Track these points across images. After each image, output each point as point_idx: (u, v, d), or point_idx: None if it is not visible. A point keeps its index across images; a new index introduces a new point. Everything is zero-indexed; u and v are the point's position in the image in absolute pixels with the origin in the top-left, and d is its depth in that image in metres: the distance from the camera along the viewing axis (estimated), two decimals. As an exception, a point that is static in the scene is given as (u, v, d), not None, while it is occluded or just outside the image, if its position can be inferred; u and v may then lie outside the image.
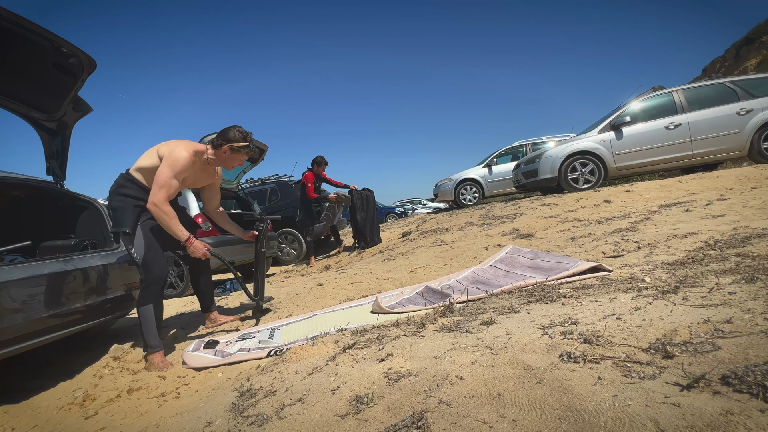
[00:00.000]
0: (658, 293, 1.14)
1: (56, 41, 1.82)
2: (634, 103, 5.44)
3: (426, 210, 17.03)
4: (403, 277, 2.91)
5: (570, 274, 1.78)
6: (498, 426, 0.62)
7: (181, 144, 1.95)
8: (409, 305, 1.92)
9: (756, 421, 0.51)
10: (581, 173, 5.38)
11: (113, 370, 1.93)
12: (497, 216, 4.60)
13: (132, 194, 1.98)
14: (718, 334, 0.78)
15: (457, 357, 0.90)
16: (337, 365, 1.01)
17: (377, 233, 5.62)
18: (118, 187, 1.98)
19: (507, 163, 8.50)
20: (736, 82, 5.09)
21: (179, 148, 1.91)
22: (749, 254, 1.49)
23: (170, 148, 1.91)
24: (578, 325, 0.98)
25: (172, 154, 1.88)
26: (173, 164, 1.87)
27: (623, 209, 3.52)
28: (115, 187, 2.00)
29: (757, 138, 4.78)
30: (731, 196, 3.14)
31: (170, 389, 1.60)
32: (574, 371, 0.73)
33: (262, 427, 0.80)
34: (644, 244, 2.17)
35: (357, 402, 0.79)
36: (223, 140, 2.03)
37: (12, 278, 1.56)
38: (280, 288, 3.39)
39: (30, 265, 1.69)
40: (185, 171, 1.92)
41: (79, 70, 2.03)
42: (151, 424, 1.22)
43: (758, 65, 18.43)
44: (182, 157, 1.89)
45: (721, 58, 23.29)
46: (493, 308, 1.36)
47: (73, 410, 1.57)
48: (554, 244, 2.81)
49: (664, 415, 0.56)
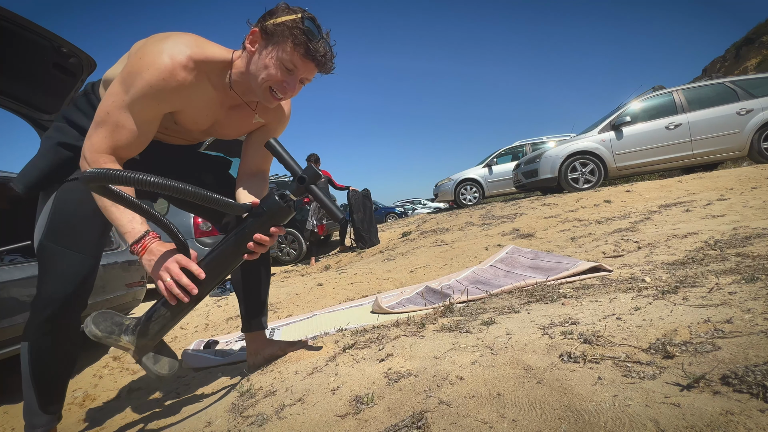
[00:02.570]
0: (658, 293, 1.14)
1: (56, 41, 1.82)
2: (634, 103, 5.45)
3: (426, 210, 17.04)
4: (403, 277, 2.91)
5: (570, 274, 1.78)
6: (498, 426, 0.62)
7: (172, 40, 0.92)
8: (409, 305, 1.92)
9: (756, 421, 0.51)
10: (581, 173, 5.38)
11: (113, 370, 1.94)
12: (497, 216, 4.60)
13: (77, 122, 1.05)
14: (718, 334, 0.78)
15: (457, 357, 0.90)
16: (337, 365, 1.01)
17: (375, 233, 5.62)
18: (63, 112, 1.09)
19: (507, 163, 8.51)
20: (736, 82, 5.10)
21: (161, 46, 0.90)
22: (749, 254, 1.49)
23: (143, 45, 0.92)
24: (578, 325, 0.98)
25: (139, 56, 0.90)
26: (131, 77, 0.89)
27: (623, 209, 3.52)
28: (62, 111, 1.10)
29: (757, 138, 4.78)
30: (731, 196, 3.14)
31: (170, 389, 1.60)
32: (574, 371, 0.73)
33: (262, 427, 0.80)
34: (644, 244, 2.17)
35: (357, 402, 0.79)
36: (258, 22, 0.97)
37: (12, 278, 1.56)
38: (280, 288, 3.39)
39: (30, 265, 1.69)
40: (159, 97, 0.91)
41: (79, 70, 2.03)
42: (151, 424, 1.22)
43: (758, 65, 18.43)
44: (156, 66, 0.88)
45: (721, 58, 23.28)
46: (493, 308, 1.36)
47: (72, 410, 1.57)
48: (554, 244, 2.81)
49: (664, 415, 0.56)
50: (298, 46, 0.92)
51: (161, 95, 0.91)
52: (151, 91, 0.89)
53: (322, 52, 0.94)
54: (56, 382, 1.09)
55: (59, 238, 1.02)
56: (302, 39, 0.91)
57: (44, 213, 1.04)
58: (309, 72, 0.98)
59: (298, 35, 0.91)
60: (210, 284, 0.94)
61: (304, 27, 0.91)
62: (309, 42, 0.92)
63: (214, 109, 1.05)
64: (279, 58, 0.93)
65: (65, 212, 1.03)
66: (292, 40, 0.91)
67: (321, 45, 0.94)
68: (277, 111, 1.16)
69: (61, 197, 1.03)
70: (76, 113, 1.07)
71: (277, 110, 1.16)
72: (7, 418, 1.56)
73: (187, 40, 0.93)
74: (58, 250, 1.01)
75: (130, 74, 0.89)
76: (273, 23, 0.92)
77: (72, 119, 1.06)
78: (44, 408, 1.06)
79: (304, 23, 0.92)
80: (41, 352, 1.04)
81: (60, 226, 1.02)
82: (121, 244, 2.33)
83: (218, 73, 1.00)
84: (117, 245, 2.29)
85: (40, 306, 1.01)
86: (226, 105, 1.07)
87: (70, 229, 1.03)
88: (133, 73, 0.89)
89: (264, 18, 0.95)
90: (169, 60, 0.89)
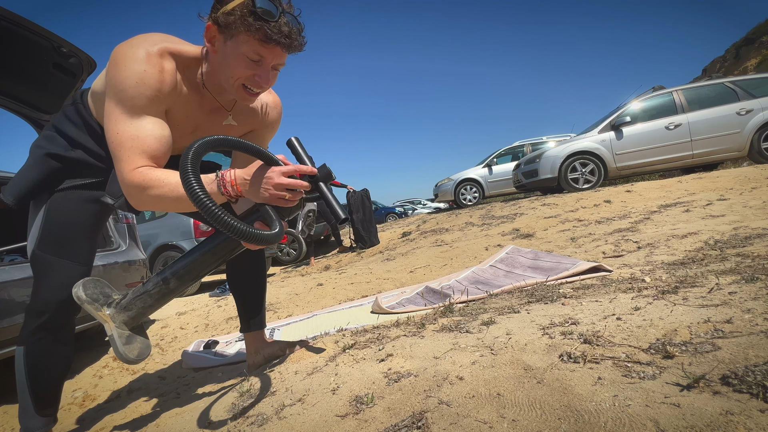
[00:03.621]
0: (658, 293, 1.14)
1: (56, 41, 1.82)
2: (634, 103, 5.45)
3: (426, 210, 17.03)
4: (403, 277, 2.91)
5: (570, 274, 1.78)
6: (498, 426, 0.62)
7: (141, 38, 0.89)
8: (409, 305, 1.92)
9: (756, 421, 0.51)
10: (581, 173, 5.38)
11: (113, 370, 1.94)
12: (497, 216, 4.60)
13: (65, 132, 1.03)
14: (718, 334, 0.78)
15: (457, 357, 0.90)
16: (337, 365, 1.01)
17: (375, 233, 5.62)
18: (53, 120, 1.07)
19: (507, 163, 8.51)
20: (736, 82, 5.10)
21: (132, 44, 0.87)
22: (749, 254, 1.49)
23: (116, 53, 0.87)
24: (578, 325, 0.98)
25: (115, 62, 0.86)
26: (115, 87, 0.85)
27: (623, 209, 3.52)
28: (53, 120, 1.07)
29: (757, 138, 4.78)
30: (731, 196, 3.14)
31: (170, 389, 1.60)
32: (574, 371, 0.73)
33: (262, 427, 0.80)
34: (644, 244, 2.17)
35: (357, 402, 0.79)
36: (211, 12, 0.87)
37: (12, 278, 1.56)
38: (280, 288, 3.39)
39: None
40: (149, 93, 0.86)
41: (79, 70, 2.03)
42: (151, 424, 1.22)
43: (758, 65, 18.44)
44: (134, 62, 0.84)
45: (721, 58, 23.29)
46: (493, 308, 1.36)
47: (72, 410, 1.57)
48: (554, 244, 2.81)
49: (664, 415, 0.56)
50: (254, 32, 0.81)
51: (150, 90, 0.86)
52: (139, 89, 0.84)
53: (285, 31, 0.83)
54: (52, 385, 1.09)
55: (51, 247, 1.02)
56: (257, 25, 0.80)
57: (36, 223, 1.04)
58: (277, 57, 0.88)
59: (251, 22, 0.80)
60: (207, 269, 0.98)
61: (257, 9, 0.80)
62: (266, 25, 0.81)
63: (193, 110, 0.99)
64: (240, 53, 0.84)
65: (56, 222, 1.02)
66: (246, 29, 0.81)
67: (282, 23, 0.82)
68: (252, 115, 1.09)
69: (52, 207, 1.03)
70: (64, 122, 1.05)
71: (255, 114, 1.09)
72: (6, 418, 1.56)
73: (156, 37, 0.90)
74: (51, 259, 1.02)
75: (114, 85, 0.85)
76: (223, 13, 0.82)
77: (61, 128, 1.04)
78: (40, 411, 1.06)
79: (255, 4, 0.80)
80: (37, 357, 1.04)
81: (51, 236, 1.02)
82: (121, 244, 2.33)
83: (192, 71, 0.95)
84: (117, 245, 2.29)
85: (36, 312, 1.02)
86: (205, 108, 1.02)
87: (61, 238, 1.03)
88: (116, 82, 0.85)
89: (214, 8, 0.84)
90: (144, 53, 0.85)
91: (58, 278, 1.01)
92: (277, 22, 0.82)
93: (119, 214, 2.34)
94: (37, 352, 1.04)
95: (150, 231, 4.81)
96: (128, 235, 2.40)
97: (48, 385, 1.08)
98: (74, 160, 1.03)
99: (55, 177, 1.04)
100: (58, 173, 1.03)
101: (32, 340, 1.03)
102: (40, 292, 1.02)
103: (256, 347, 1.25)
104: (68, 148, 1.03)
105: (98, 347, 2.31)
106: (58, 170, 1.03)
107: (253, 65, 0.87)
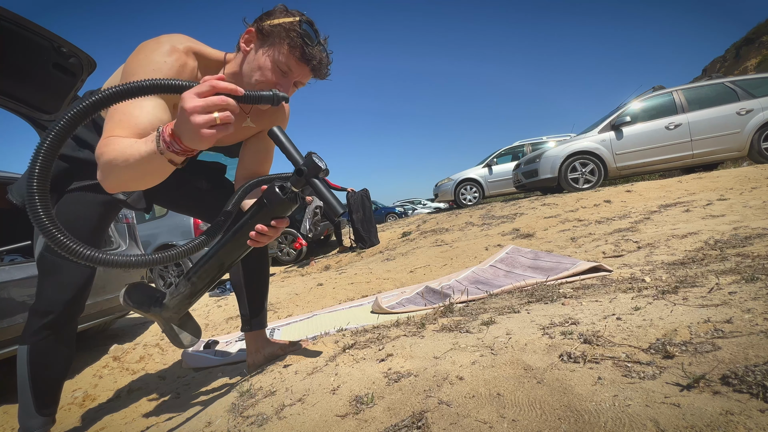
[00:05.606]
0: (658, 293, 1.14)
1: (56, 41, 1.82)
2: (634, 103, 5.45)
3: (426, 210, 17.03)
4: (403, 277, 2.91)
5: (570, 274, 1.78)
6: (498, 426, 0.62)
7: (168, 35, 0.93)
8: (409, 305, 1.92)
9: (756, 421, 0.51)
10: (581, 173, 5.38)
11: (113, 370, 1.94)
12: (497, 216, 4.60)
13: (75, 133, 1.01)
14: (718, 334, 0.78)
15: (457, 357, 0.90)
16: (337, 365, 1.01)
17: (375, 233, 5.62)
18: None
19: (507, 163, 8.51)
20: (736, 82, 5.10)
21: (159, 40, 0.90)
22: (749, 254, 1.49)
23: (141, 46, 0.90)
24: (578, 325, 0.98)
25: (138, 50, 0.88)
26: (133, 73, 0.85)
27: (623, 209, 3.52)
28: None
29: (757, 138, 4.78)
30: (731, 196, 3.14)
31: (170, 389, 1.60)
32: (574, 371, 0.73)
33: (262, 427, 0.80)
34: (644, 244, 2.17)
35: (357, 402, 0.79)
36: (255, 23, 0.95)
37: (12, 278, 1.56)
38: (280, 288, 3.39)
39: (30, 265, 1.69)
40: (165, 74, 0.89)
41: (79, 70, 2.03)
42: (151, 424, 1.22)
43: (758, 65, 18.43)
44: (158, 51, 0.87)
45: (721, 58, 23.29)
46: (493, 308, 1.36)
47: (73, 410, 1.57)
48: (554, 244, 2.81)
49: (664, 415, 0.56)
50: (294, 48, 0.91)
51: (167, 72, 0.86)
52: (153, 76, 0.82)
53: (318, 57, 0.94)
54: (53, 385, 1.11)
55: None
56: (299, 42, 0.90)
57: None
58: (303, 76, 0.97)
59: (294, 38, 0.90)
60: (215, 273, 1.01)
61: (302, 30, 0.91)
62: (305, 46, 0.91)
63: None
64: (274, 60, 0.92)
65: (64, 224, 0.98)
66: (289, 42, 0.90)
67: (317, 50, 0.94)
68: (273, 116, 1.12)
69: (61, 210, 1.05)
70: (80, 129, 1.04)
71: (274, 114, 1.12)
72: (6, 418, 1.56)
73: (182, 36, 0.94)
74: (58, 261, 1.05)
75: (129, 70, 0.85)
76: (270, 24, 0.91)
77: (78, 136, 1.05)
78: (40, 410, 1.08)
79: (301, 26, 0.91)
80: (39, 356, 1.06)
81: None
82: (121, 244, 2.33)
83: (212, 73, 0.98)
84: (117, 245, 2.29)
85: (41, 312, 1.04)
86: None
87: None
88: (132, 67, 0.84)
89: (261, 18, 0.93)
90: (169, 47, 0.88)
91: (64, 279, 1.04)
92: (314, 48, 0.93)
93: (120, 214, 2.34)
94: (40, 351, 1.06)
95: (150, 231, 4.82)
96: (128, 234, 2.40)
97: (49, 384, 1.10)
98: (82, 161, 1.04)
99: (62, 177, 1.05)
100: (65, 174, 1.05)
101: (36, 340, 1.05)
102: (46, 292, 1.04)
103: (257, 347, 1.25)
104: (76, 148, 1.05)
105: (98, 347, 2.31)
106: (65, 170, 1.05)
107: (280, 75, 0.94)
